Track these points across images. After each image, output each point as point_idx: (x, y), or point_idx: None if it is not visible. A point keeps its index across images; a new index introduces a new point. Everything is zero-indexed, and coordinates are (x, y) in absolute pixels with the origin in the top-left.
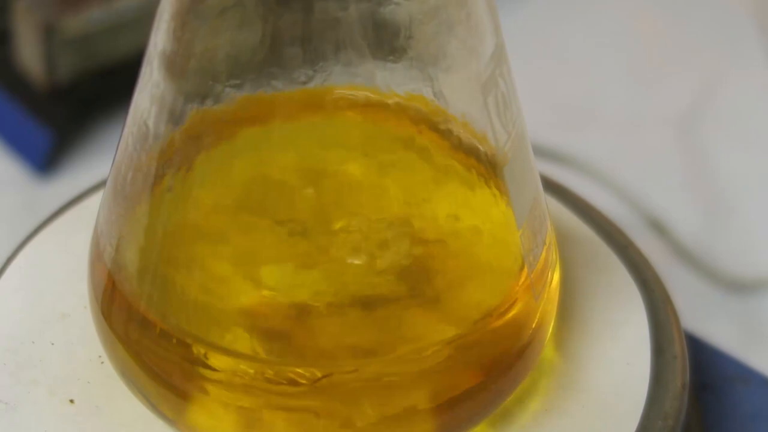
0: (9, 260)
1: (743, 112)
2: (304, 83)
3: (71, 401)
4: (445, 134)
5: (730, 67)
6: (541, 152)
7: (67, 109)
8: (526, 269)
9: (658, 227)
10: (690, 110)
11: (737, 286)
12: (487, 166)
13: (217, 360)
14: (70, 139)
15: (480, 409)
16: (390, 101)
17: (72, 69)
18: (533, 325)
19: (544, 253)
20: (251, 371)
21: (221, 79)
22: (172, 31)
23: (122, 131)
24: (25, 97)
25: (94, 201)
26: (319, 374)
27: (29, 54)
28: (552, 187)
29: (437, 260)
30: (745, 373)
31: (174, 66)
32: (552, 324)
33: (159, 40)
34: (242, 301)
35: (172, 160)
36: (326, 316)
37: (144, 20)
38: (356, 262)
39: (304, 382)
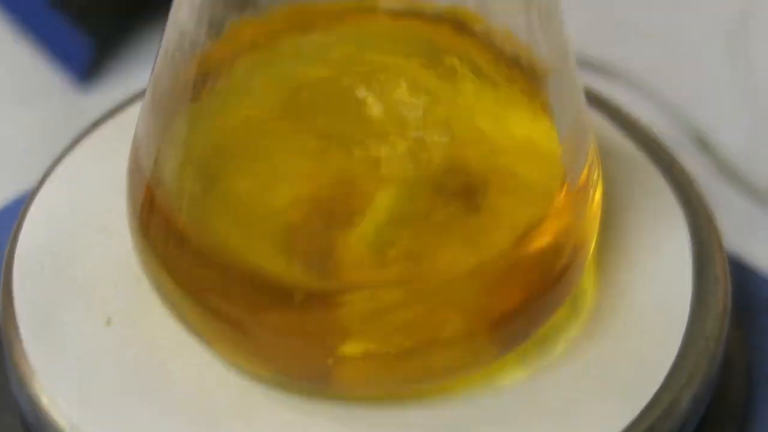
0: (49, 170)
1: None
2: None
3: (108, 319)
4: (488, 46)
5: None
6: (585, 64)
7: (108, 17)
8: (567, 185)
9: (704, 143)
10: (739, 23)
11: None
12: (529, 78)
13: (255, 278)
14: (110, 47)
15: (521, 329)
16: (432, 12)
17: None
18: (575, 243)
19: (586, 169)
20: (290, 290)
21: None
22: None
23: (161, 40)
24: (64, 4)
25: (134, 111)
26: (366, 295)
27: None
28: (595, 100)
29: (478, 174)
30: None
31: None
32: (593, 243)
33: None
34: (282, 216)
35: (212, 71)
36: (367, 232)
37: None
38: (397, 174)
39: (345, 302)
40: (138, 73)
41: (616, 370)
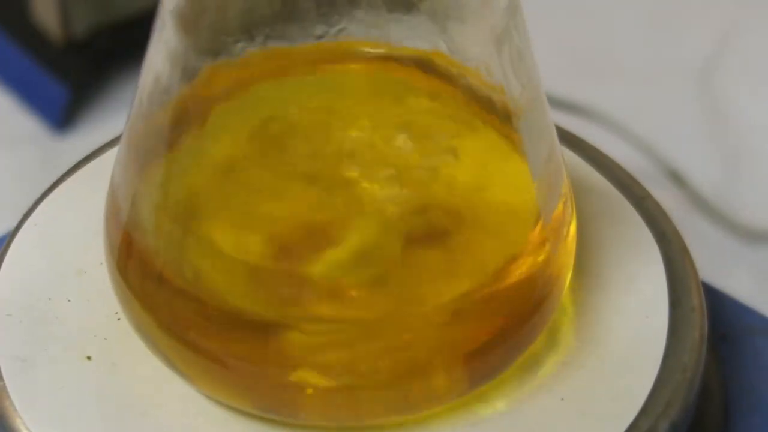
0: (26, 216)
1: (762, 62)
2: (319, 37)
3: (88, 358)
4: (461, 87)
5: (749, 16)
6: (558, 103)
7: (84, 64)
8: (542, 221)
9: (676, 178)
10: (709, 60)
11: (755, 237)
12: (502, 119)
13: (230, 315)
14: (86, 94)
15: (497, 362)
16: (405, 54)
17: (88, 23)
18: (550, 278)
19: (560, 206)
20: (263, 326)
21: (234, 34)
22: None
23: (137, 86)
24: (41, 52)
25: (111, 156)
26: (333, 328)
27: (45, 8)
28: (568, 138)
29: (453, 212)
30: (763, 324)
31: (186, 21)
32: (569, 277)
33: None
34: (254, 255)
35: (186, 116)
36: (338, 269)
37: None
38: (371, 213)
39: (319, 337)
40: (113, 119)
41: (594, 400)
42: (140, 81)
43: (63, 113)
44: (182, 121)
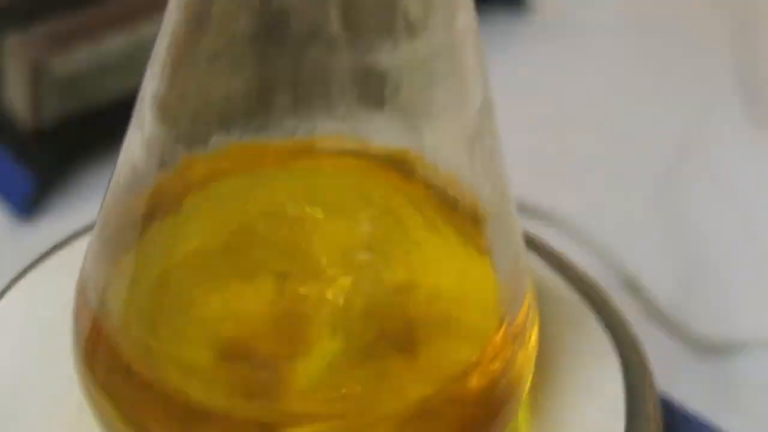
0: None
1: (722, 171)
2: (293, 132)
3: None
4: (430, 187)
5: (709, 125)
6: (523, 208)
7: (52, 153)
8: (505, 326)
9: (634, 287)
10: (668, 169)
11: (711, 349)
12: (470, 221)
13: (195, 411)
14: (54, 183)
15: None
16: (376, 152)
17: (58, 110)
18: (510, 382)
19: (524, 309)
20: (232, 423)
21: (212, 126)
22: (165, 75)
23: (112, 174)
24: (8, 139)
25: (78, 246)
26: (297, 426)
27: (16, 94)
28: (530, 242)
29: (416, 314)
30: None
31: (165, 110)
32: (529, 382)
33: (151, 83)
34: (225, 350)
35: (161, 205)
36: (306, 370)
37: (130, 62)
38: (334, 313)
39: None
40: (81, 208)
41: None
42: (116, 169)
43: (30, 202)
44: (156, 210)
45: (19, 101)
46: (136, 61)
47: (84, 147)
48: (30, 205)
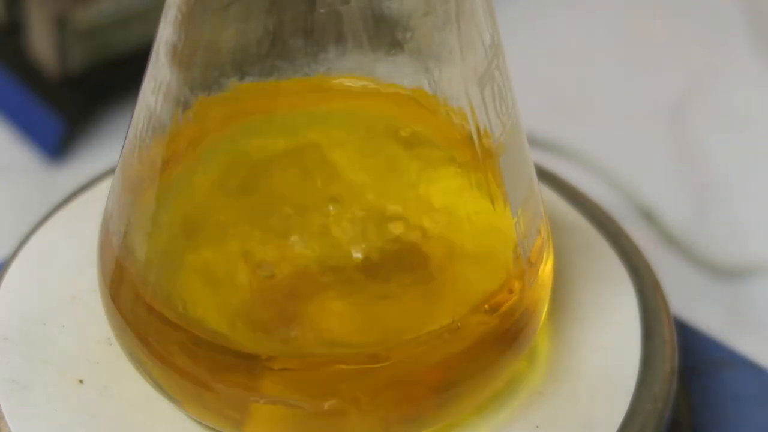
0: (21, 245)
1: (732, 104)
2: (306, 74)
3: (80, 381)
4: (442, 124)
5: (719, 60)
6: (535, 142)
7: (79, 98)
8: (520, 257)
9: (649, 216)
10: (680, 102)
11: (725, 273)
12: (483, 156)
13: (217, 342)
14: (81, 127)
15: (474, 392)
16: (388, 92)
17: (83, 59)
18: (527, 310)
19: (538, 241)
20: (251, 354)
21: (225, 70)
22: (179, 23)
23: (131, 119)
24: (37, 85)
25: (104, 187)
26: (316, 359)
27: (42, 44)
28: (546, 176)
29: (432, 248)
30: (731, 357)
31: (180, 56)
32: (545, 310)
33: (166, 32)
34: (244, 286)
35: (178, 148)
36: (324, 302)
37: (153, 12)
38: (351, 249)
39: (299, 368)
40: (107, 152)
41: (568, 428)
42: (134, 114)
43: (58, 145)
44: (174, 154)
45: (45, 51)
46: (158, 10)
47: (109, 92)
48: (58, 148)
